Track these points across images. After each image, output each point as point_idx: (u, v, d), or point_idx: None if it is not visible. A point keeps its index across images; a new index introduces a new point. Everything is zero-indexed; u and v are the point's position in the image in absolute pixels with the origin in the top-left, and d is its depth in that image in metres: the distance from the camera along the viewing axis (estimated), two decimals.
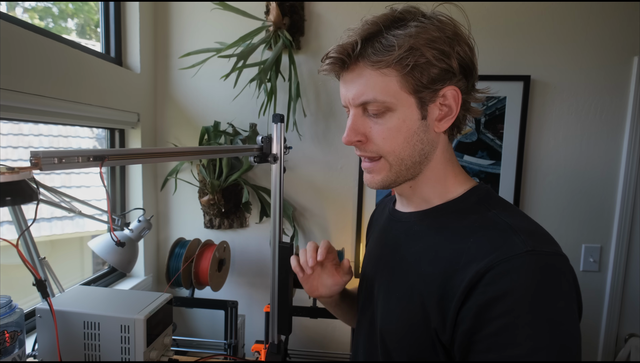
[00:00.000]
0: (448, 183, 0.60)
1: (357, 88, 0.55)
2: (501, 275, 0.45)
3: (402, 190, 0.63)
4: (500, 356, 0.44)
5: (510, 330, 0.44)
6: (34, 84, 1.04)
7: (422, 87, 0.53)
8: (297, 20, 1.52)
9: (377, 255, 0.70)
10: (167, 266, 1.42)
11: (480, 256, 0.48)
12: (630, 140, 1.44)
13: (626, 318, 1.52)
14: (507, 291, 0.44)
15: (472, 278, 0.47)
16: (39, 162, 0.56)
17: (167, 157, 0.94)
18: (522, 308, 0.44)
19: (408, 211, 0.65)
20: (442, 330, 0.50)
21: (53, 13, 1.33)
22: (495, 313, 0.45)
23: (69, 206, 0.90)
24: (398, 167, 0.58)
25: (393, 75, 0.53)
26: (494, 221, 0.53)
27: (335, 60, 0.56)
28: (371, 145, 0.57)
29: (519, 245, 0.47)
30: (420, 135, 0.56)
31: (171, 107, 1.66)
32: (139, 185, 1.57)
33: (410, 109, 0.55)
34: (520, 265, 0.46)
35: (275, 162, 0.99)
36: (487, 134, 1.50)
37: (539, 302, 0.44)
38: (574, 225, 1.52)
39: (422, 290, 0.54)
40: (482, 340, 0.45)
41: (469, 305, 0.47)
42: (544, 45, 1.46)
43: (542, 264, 0.46)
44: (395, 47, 0.51)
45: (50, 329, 0.86)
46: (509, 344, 0.44)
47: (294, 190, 1.63)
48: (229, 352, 1.34)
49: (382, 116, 0.55)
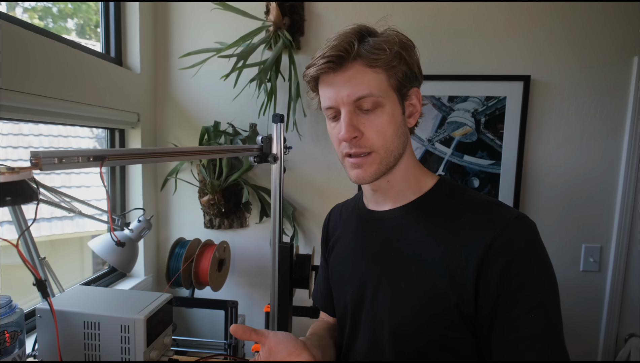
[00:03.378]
0: (417, 175, 0.67)
1: (354, 85, 0.60)
2: (507, 243, 0.55)
3: (379, 185, 0.67)
4: (527, 305, 0.53)
5: (528, 283, 0.54)
6: (34, 84, 1.04)
7: (401, 85, 0.62)
8: (297, 20, 1.52)
9: (362, 259, 0.69)
10: (167, 266, 1.42)
11: (479, 231, 0.57)
12: (630, 140, 1.44)
13: (626, 318, 1.52)
14: (515, 254, 0.54)
15: (482, 251, 0.55)
16: (39, 162, 0.56)
17: (167, 157, 0.95)
18: (530, 264, 0.54)
19: (387, 209, 0.68)
20: (462, 302, 0.56)
21: (53, 13, 1.33)
22: (512, 274, 0.54)
23: (69, 206, 0.90)
24: (387, 159, 0.63)
25: (382, 73, 0.60)
26: (476, 201, 0.62)
27: (333, 59, 0.59)
28: (365, 140, 0.61)
29: (507, 215, 0.58)
30: (402, 128, 0.64)
31: (171, 107, 1.66)
32: (139, 185, 1.57)
33: (395, 105, 0.62)
34: (516, 231, 0.56)
35: (275, 162, 0.99)
36: (487, 134, 1.50)
37: (538, 255, 0.56)
38: (574, 225, 1.52)
39: (431, 273, 0.59)
40: (507, 299, 0.54)
41: (487, 274, 0.55)
42: (544, 45, 1.46)
43: (527, 225, 0.57)
44: (386, 49, 0.59)
45: (51, 329, 0.86)
46: (531, 295, 0.53)
47: (294, 190, 1.63)
48: (229, 352, 1.34)
49: (374, 112, 0.61)
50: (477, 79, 1.48)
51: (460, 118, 1.51)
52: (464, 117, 1.51)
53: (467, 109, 1.50)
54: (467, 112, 1.50)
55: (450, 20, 1.49)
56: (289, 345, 0.61)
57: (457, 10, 1.49)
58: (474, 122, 1.50)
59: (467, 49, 1.49)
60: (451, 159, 1.53)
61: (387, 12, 1.51)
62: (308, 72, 0.64)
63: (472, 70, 1.48)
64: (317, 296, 0.89)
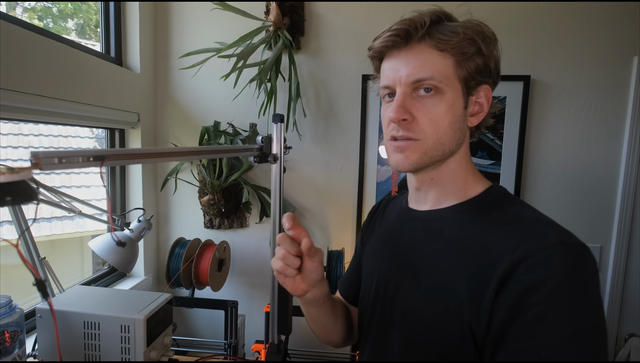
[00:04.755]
0: (468, 179, 0.61)
1: (415, 65, 0.55)
2: (536, 265, 0.47)
3: (422, 181, 0.63)
4: (535, 343, 0.44)
5: (546, 318, 0.44)
6: (34, 84, 1.04)
7: (470, 77, 0.56)
8: (297, 20, 1.52)
9: (390, 255, 0.67)
10: (167, 266, 1.42)
11: (511, 248, 0.49)
12: (630, 140, 1.44)
13: (626, 318, 1.52)
14: (543, 280, 0.45)
15: (505, 269, 0.48)
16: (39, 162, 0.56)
17: (167, 157, 0.94)
18: (557, 297, 0.45)
19: (425, 209, 0.64)
20: (476, 322, 0.50)
21: (53, 13, 1.33)
22: (531, 302, 0.45)
23: (69, 206, 0.90)
24: (434, 151, 0.57)
25: (450, 58, 0.55)
26: (519, 216, 0.54)
27: (400, 32, 0.55)
28: (415, 125, 0.57)
29: (550, 236, 0.49)
30: (460, 123, 0.58)
31: (171, 107, 1.66)
32: (139, 185, 1.57)
33: (458, 96, 0.57)
34: (554, 255, 0.47)
35: (275, 162, 0.99)
36: (487, 133, 1.50)
37: (574, 290, 0.45)
38: (574, 225, 1.52)
39: (452, 285, 0.54)
40: (517, 328, 0.46)
41: (505, 296, 0.47)
42: (544, 45, 1.46)
43: (573, 254, 0.47)
44: (460, 33, 0.54)
45: (51, 329, 0.86)
46: (546, 333, 0.44)
47: (294, 190, 1.63)
48: (229, 352, 1.34)
49: (432, 97, 0.56)
50: None
51: None
52: None
53: None
54: None
55: None
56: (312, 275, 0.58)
57: (457, 10, 1.49)
58: None
59: None
60: None
61: (386, 12, 1.51)
62: (373, 45, 0.59)
63: None
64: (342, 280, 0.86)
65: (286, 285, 0.60)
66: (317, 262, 0.57)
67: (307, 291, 0.60)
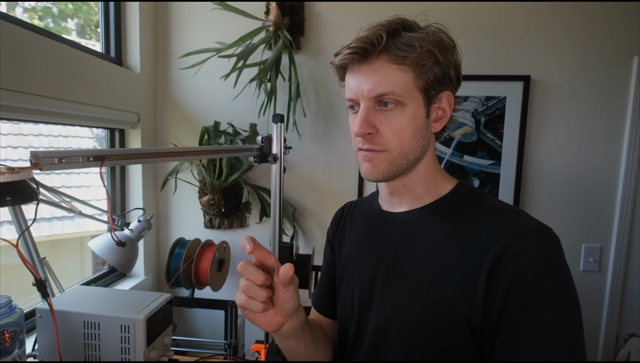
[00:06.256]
0: (437, 180, 0.64)
1: (375, 80, 0.57)
2: (519, 252, 0.51)
3: (395, 188, 0.65)
4: (532, 323, 0.49)
5: (536, 299, 0.49)
6: (34, 84, 1.04)
7: (430, 87, 0.58)
8: (297, 20, 1.52)
9: (371, 260, 0.66)
10: (167, 266, 1.41)
11: (493, 238, 0.53)
12: (630, 140, 1.44)
13: (626, 318, 1.52)
14: (527, 265, 0.50)
15: (492, 257, 0.52)
16: (39, 162, 0.56)
17: (167, 157, 0.95)
18: (541, 279, 0.50)
19: (401, 211, 0.66)
20: (472, 314, 0.53)
21: (53, 13, 1.33)
22: (521, 287, 0.50)
23: (69, 206, 0.90)
24: (399, 161, 0.59)
25: (409, 72, 0.56)
26: (493, 208, 0.59)
27: (357, 50, 0.57)
28: (380, 138, 0.58)
29: (525, 224, 0.54)
30: (423, 132, 0.60)
31: (171, 107, 1.66)
32: (139, 185, 1.57)
33: (419, 106, 0.58)
34: (532, 241, 0.52)
35: (275, 162, 0.99)
36: (487, 134, 1.50)
37: (555, 269, 0.51)
38: (574, 225, 1.52)
39: (442, 281, 0.56)
40: (513, 313, 0.50)
41: (495, 284, 0.51)
42: (544, 45, 1.46)
43: (546, 237, 0.53)
44: (417, 47, 0.55)
45: (50, 329, 0.86)
46: (539, 311, 0.49)
47: (294, 190, 1.63)
48: (229, 352, 1.34)
49: (393, 110, 0.58)
50: (477, 79, 1.48)
51: (460, 118, 1.51)
52: (464, 117, 1.51)
53: (467, 108, 1.50)
54: (467, 112, 1.50)
55: (450, 21, 1.48)
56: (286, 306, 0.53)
57: (457, 10, 1.49)
58: (474, 122, 1.50)
59: (467, 49, 1.48)
60: (451, 159, 1.53)
61: (386, 12, 1.50)
62: (333, 61, 0.61)
63: (472, 70, 1.48)
64: (315, 294, 0.84)
65: (256, 321, 0.52)
66: (292, 291, 0.51)
67: (283, 324, 0.54)
